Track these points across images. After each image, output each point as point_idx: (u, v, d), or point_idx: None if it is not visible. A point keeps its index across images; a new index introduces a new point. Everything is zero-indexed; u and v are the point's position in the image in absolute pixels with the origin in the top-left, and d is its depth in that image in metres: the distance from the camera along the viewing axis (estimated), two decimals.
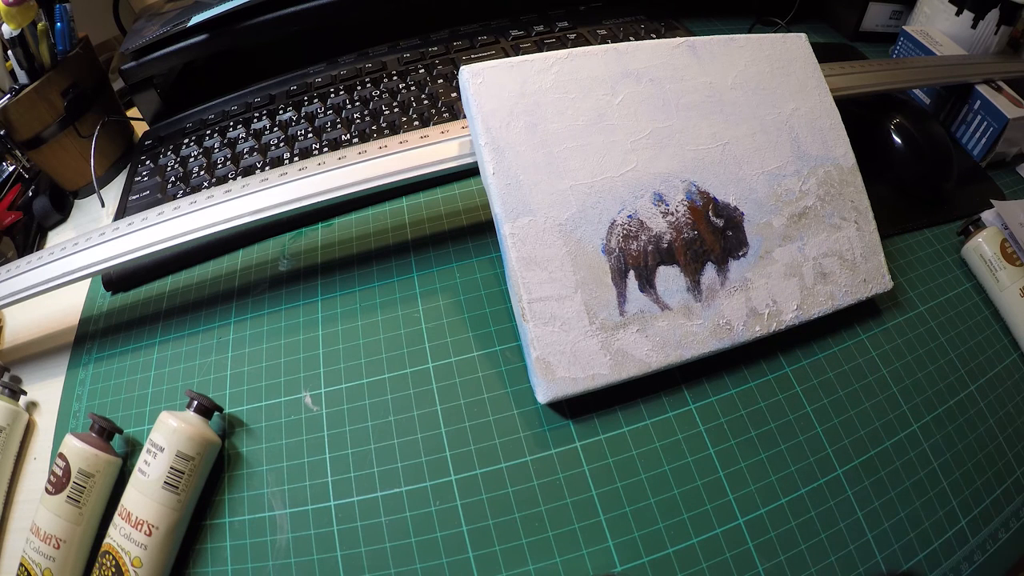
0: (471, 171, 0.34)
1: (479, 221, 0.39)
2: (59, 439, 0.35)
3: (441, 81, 0.47)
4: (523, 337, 0.30)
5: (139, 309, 0.40)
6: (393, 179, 0.34)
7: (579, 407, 0.32)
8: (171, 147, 0.47)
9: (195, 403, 0.31)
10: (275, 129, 0.46)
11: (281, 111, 0.47)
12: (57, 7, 0.46)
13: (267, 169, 0.42)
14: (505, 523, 0.29)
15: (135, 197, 0.44)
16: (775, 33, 0.36)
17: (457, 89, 0.46)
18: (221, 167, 0.44)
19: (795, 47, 0.36)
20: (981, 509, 0.31)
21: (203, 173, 0.44)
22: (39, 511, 0.29)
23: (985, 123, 0.44)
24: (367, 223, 0.41)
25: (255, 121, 0.47)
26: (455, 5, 0.54)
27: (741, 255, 0.32)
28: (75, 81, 0.47)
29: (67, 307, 0.41)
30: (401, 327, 0.35)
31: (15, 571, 0.29)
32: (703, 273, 0.32)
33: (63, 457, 0.30)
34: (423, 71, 0.48)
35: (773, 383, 0.33)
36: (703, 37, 0.35)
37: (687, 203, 0.32)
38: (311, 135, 0.44)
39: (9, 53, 0.44)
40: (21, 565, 0.29)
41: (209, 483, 0.31)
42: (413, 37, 0.53)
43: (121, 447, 0.33)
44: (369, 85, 0.47)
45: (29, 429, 0.36)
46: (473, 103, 0.31)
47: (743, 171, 0.33)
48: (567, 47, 0.39)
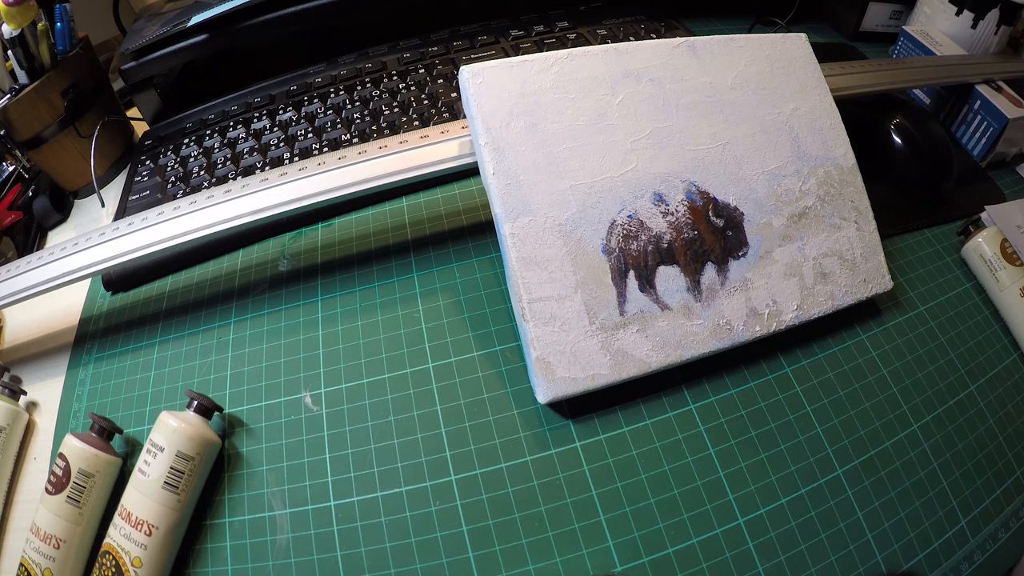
0: (471, 171, 0.34)
1: (479, 221, 0.39)
2: (59, 439, 0.35)
3: (441, 81, 0.47)
4: (523, 337, 0.30)
5: (139, 309, 0.40)
6: (393, 179, 0.34)
7: (579, 407, 0.32)
8: (171, 147, 0.47)
9: (195, 403, 0.31)
10: (275, 129, 0.46)
11: (281, 111, 0.47)
12: (57, 7, 0.46)
13: (267, 169, 0.42)
14: (505, 523, 0.29)
15: (135, 197, 0.44)
16: (775, 33, 0.36)
17: (457, 89, 0.46)
18: (221, 167, 0.44)
19: (795, 47, 0.36)
20: (981, 509, 0.31)
21: (203, 173, 0.44)
22: (39, 511, 0.29)
23: (985, 123, 0.44)
24: (367, 223, 0.41)
25: (255, 121, 0.47)
26: (455, 5, 0.54)
27: (741, 255, 0.32)
28: (75, 81, 0.47)
29: (67, 307, 0.41)
30: (401, 327, 0.35)
31: (15, 571, 0.29)
32: (703, 273, 0.32)
33: (63, 457, 0.30)
34: (423, 71, 0.48)
35: (773, 383, 0.33)
36: (703, 37, 0.35)
37: (687, 203, 0.32)
38: (311, 135, 0.44)
39: (9, 53, 0.44)
40: (21, 565, 0.29)
41: (209, 483, 0.31)
42: (413, 37, 0.53)
43: (121, 447, 0.33)
44: (369, 85, 0.47)
45: (29, 429, 0.36)
46: (473, 103, 0.31)
47: (743, 171, 0.33)
48: (567, 47, 0.39)
